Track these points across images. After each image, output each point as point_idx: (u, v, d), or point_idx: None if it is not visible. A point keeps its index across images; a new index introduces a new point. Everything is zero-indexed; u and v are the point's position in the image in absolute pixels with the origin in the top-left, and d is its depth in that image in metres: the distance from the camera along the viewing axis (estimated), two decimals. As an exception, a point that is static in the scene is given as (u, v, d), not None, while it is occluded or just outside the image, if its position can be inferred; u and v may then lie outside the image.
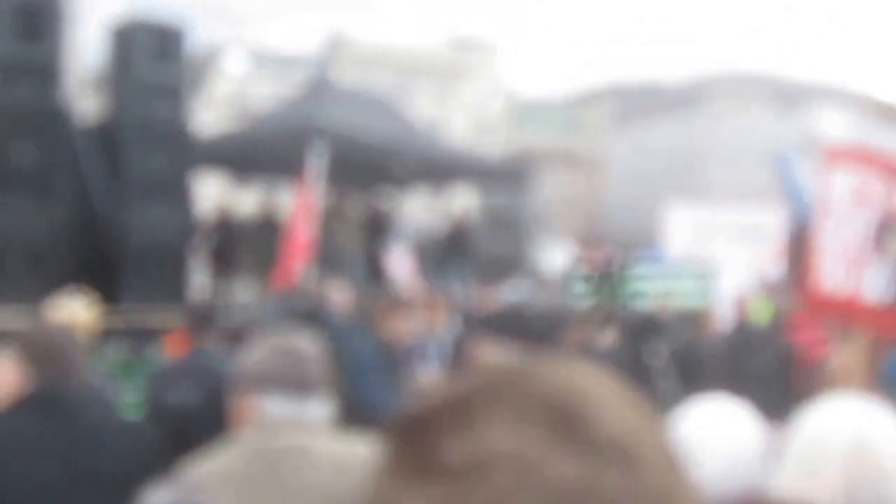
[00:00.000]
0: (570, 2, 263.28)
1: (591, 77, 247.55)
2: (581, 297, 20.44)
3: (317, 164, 13.94)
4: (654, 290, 14.89)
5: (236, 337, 8.42)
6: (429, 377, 6.86)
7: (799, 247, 12.12)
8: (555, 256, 24.49)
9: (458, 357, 8.41)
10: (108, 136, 8.18)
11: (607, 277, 17.38)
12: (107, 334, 7.86)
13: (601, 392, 0.91)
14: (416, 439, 0.89)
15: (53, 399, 3.16)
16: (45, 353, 3.21)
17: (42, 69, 7.76)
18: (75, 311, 5.70)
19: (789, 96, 69.09)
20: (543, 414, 0.87)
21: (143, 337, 8.62)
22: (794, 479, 2.42)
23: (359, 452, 3.03)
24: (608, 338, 8.90)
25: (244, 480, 2.94)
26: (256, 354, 3.18)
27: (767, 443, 2.71)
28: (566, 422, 0.86)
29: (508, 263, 24.39)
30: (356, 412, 6.44)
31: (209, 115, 68.06)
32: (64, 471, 3.03)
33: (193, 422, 6.43)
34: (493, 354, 3.91)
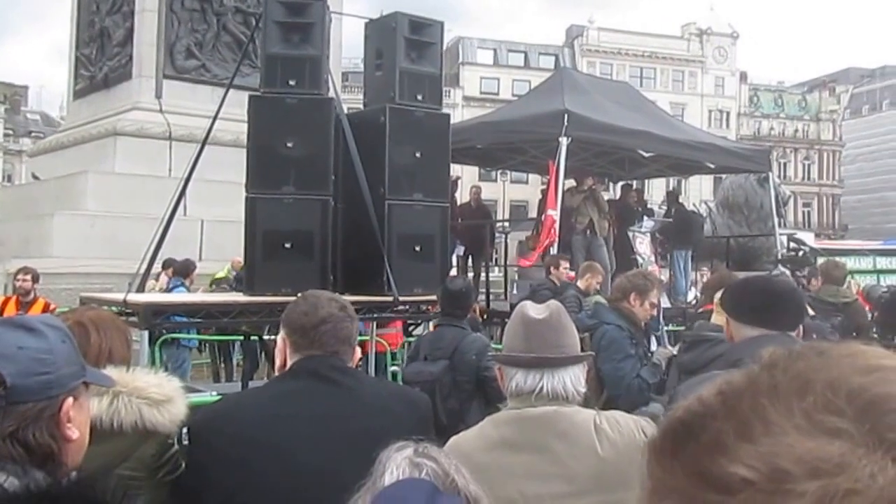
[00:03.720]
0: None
1: (826, 61, 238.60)
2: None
3: (565, 148, 13.66)
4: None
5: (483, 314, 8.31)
6: (664, 353, 6.63)
7: None
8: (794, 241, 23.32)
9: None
10: (367, 126, 8.10)
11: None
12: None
13: None
14: (693, 452, 0.76)
15: (326, 366, 3.16)
16: (299, 324, 3.21)
17: (309, 66, 7.80)
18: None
19: None
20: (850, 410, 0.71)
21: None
22: None
23: (619, 421, 3.08)
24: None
25: (499, 442, 3.02)
26: (510, 330, 3.25)
27: None
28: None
29: (750, 247, 23.63)
30: (604, 386, 6.34)
31: (458, 104, 69.11)
32: (339, 431, 3.03)
33: (427, 387, 6.53)
34: (744, 332, 3.70)
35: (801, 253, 19.21)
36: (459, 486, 2.11)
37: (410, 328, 11.29)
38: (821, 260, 14.43)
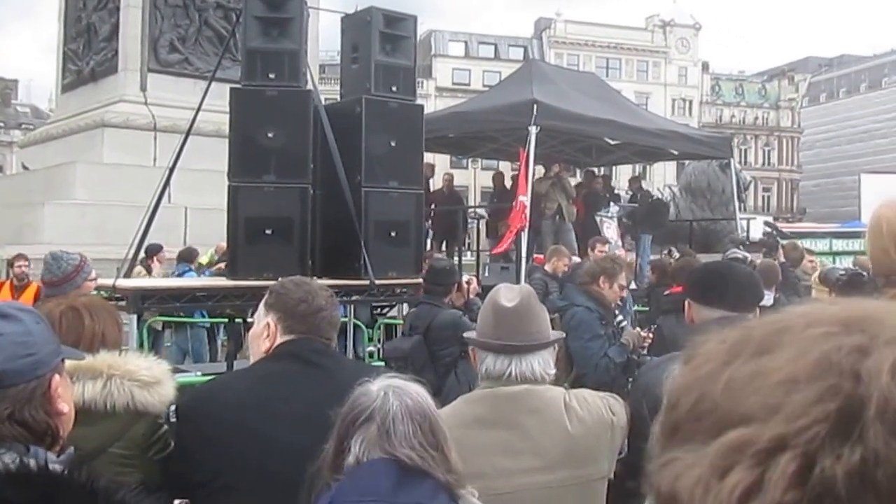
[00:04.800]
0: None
1: (785, 51, 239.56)
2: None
3: (534, 137, 13.68)
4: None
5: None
6: (632, 334, 6.70)
7: None
8: (754, 225, 23.37)
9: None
10: (344, 116, 8.11)
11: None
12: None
13: None
14: None
15: (308, 349, 3.14)
16: (297, 311, 3.17)
17: (288, 59, 7.80)
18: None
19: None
20: None
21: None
22: None
23: (587, 399, 3.15)
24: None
25: (472, 420, 3.03)
26: (482, 315, 3.26)
27: None
28: None
29: (712, 230, 23.70)
30: (573, 365, 6.35)
31: (431, 94, 68.97)
32: (319, 413, 2.88)
33: (400, 363, 6.76)
34: (703, 314, 3.67)
35: (769, 237, 19.33)
36: (423, 467, 2.10)
37: (384, 310, 11.31)
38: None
